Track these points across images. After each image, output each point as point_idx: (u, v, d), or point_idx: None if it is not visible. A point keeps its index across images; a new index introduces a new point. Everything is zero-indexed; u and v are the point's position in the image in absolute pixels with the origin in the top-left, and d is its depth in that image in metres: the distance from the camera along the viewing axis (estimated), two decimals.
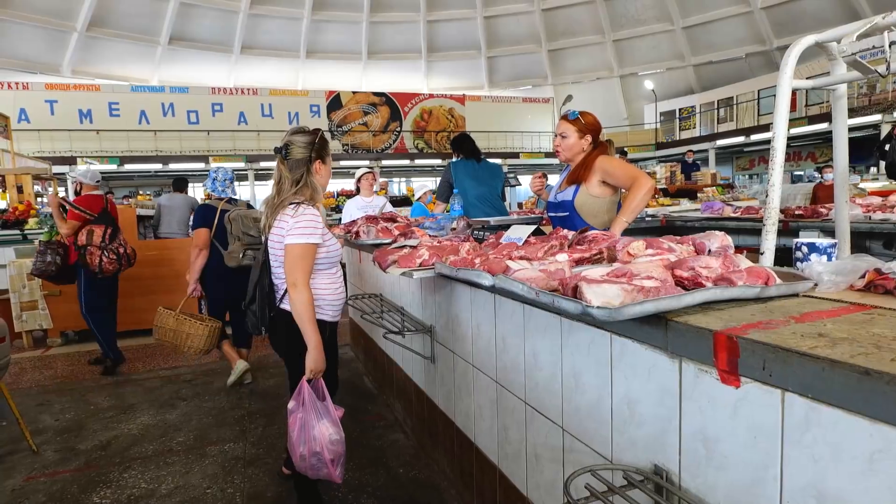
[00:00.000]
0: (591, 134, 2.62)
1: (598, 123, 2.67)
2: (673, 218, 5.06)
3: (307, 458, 2.09)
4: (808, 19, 19.44)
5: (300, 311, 2.10)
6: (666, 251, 1.52)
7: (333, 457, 2.09)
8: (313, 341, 2.11)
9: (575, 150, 2.64)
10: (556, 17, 24.15)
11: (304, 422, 2.09)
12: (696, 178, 10.37)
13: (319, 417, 2.09)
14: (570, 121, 2.63)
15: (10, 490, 2.73)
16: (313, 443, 2.07)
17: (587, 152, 2.63)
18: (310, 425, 2.08)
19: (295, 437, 2.10)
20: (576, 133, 2.61)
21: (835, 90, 2.21)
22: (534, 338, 1.68)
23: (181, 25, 21.49)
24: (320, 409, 2.11)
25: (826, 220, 3.59)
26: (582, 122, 2.61)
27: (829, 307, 1.14)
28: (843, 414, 0.79)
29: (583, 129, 2.61)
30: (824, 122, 15.84)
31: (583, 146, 2.63)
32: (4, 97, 17.66)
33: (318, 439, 2.06)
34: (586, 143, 2.62)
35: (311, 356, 2.11)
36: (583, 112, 2.65)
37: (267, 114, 21.80)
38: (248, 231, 3.65)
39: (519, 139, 24.11)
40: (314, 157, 2.21)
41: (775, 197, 2.04)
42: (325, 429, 2.07)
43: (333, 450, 2.09)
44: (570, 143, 2.63)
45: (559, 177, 2.84)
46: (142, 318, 5.96)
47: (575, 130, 2.61)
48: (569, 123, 2.63)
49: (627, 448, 1.28)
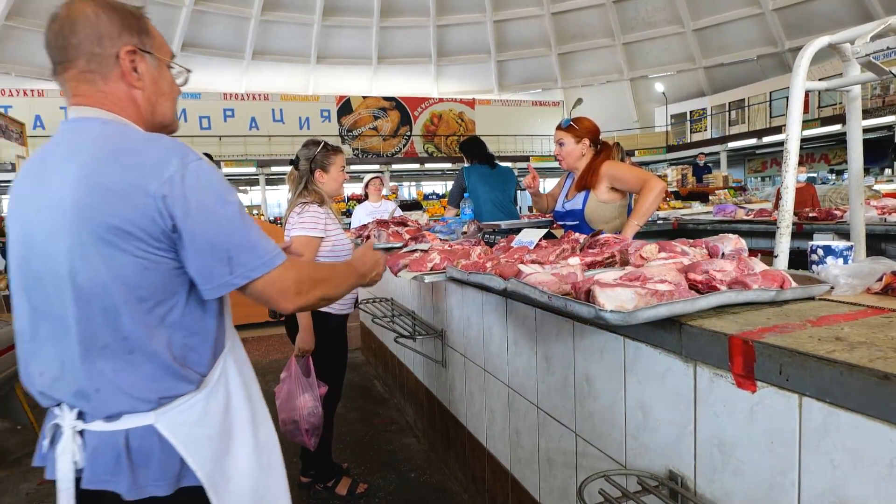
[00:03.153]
0: (588, 137, 2.60)
1: (594, 126, 2.65)
2: (685, 221, 5.03)
3: (287, 423, 2.34)
4: (821, 20, 19.27)
5: None
6: (679, 254, 1.51)
7: (308, 427, 2.33)
8: (303, 323, 2.39)
9: (575, 156, 2.61)
10: (565, 21, 24.13)
11: (288, 392, 2.35)
12: (707, 181, 10.31)
13: (302, 391, 2.34)
14: (564, 129, 2.63)
15: (25, 493, 2.76)
16: (293, 412, 2.32)
17: (591, 157, 2.60)
18: (293, 396, 2.33)
19: (279, 404, 2.35)
20: (572, 139, 2.60)
21: (849, 92, 2.19)
22: (546, 342, 1.68)
23: (193, 32, 21.73)
24: (304, 383, 2.36)
25: (840, 223, 3.55)
26: (576, 128, 2.60)
27: (846, 310, 1.12)
28: (862, 419, 0.78)
29: (578, 133, 2.59)
30: (838, 124, 15.67)
31: (582, 151, 2.60)
32: (20, 104, 17.95)
33: (297, 409, 2.32)
34: (584, 146, 2.60)
35: (301, 336, 2.39)
36: (576, 118, 2.65)
37: (278, 119, 21.97)
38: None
39: (529, 143, 24.09)
40: (314, 168, 2.51)
41: (789, 199, 2.02)
42: (305, 401, 2.32)
43: (310, 421, 2.32)
44: (568, 150, 2.61)
45: (564, 184, 2.80)
46: None
47: (570, 136, 2.60)
48: (563, 132, 2.63)
49: (642, 453, 1.27)
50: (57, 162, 0.95)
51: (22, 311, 1.01)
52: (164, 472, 0.97)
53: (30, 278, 0.98)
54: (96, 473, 0.96)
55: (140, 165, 0.91)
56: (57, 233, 0.92)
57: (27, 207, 0.97)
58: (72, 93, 1.00)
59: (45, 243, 0.94)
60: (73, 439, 0.96)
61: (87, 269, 0.91)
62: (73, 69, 0.99)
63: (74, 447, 0.96)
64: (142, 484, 0.96)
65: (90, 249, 0.90)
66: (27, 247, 0.97)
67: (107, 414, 0.95)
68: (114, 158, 0.92)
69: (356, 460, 2.96)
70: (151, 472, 0.96)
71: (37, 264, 0.96)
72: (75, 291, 0.92)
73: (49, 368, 0.98)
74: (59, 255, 0.92)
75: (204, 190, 0.94)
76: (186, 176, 0.92)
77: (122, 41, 0.99)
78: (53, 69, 1.01)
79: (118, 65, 1.00)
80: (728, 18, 22.16)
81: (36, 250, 0.95)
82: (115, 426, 0.96)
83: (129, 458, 0.95)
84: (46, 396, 1.00)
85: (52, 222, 0.92)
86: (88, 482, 0.97)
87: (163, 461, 0.97)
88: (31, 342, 1.01)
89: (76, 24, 0.97)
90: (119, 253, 0.90)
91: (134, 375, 0.95)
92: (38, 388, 1.01)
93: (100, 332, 0.94)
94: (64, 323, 0.95)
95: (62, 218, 0.91)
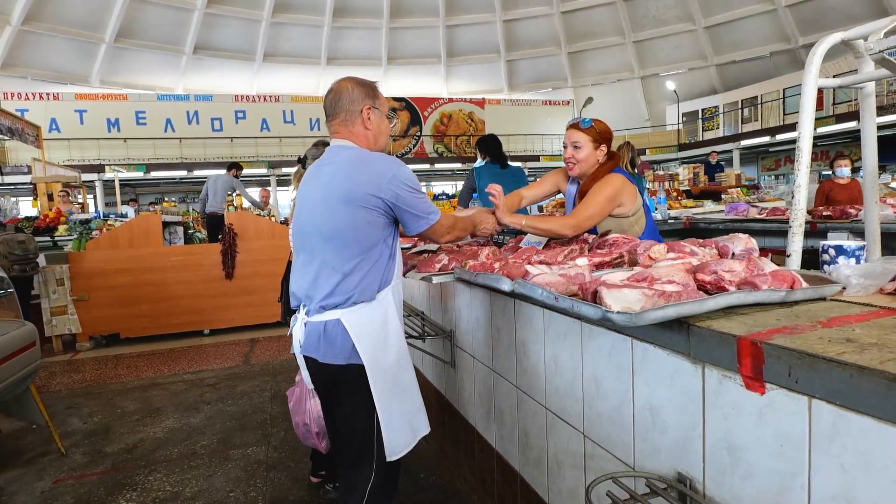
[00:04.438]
0: (606, 144, 2.29)
1: (610, 132, 2.32)
2: (696, 220, 4.99)
3: (299, 426, 2.37)
4: (834, 16, 19.01)
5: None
6: (688, 255, 1.50)
7: (319, 430, 2.32)
8: None
9: (590, 163, 2.28)
10: (575, 19, 24.02)
11: (300, 396, 2.36)
12: (719, 180, 10.20)
13: (312, 395, 2.31)
14: (584, 129, 2.25)
15: (40, 492, 2.80)
16: (305, 415, 2.34)
17: (600, 166, 2.28)
18: (304, 399, 2.34)
19: (291, 407, 2.39)
20: (591, 143, 2.25)
21: (863, 88, 2.16)
22: (554, 343, 1.67)
23: (205, 35, 21.92)
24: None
25: (855, 221, 3.50)
26: (596, 131, 2.25)
27: (857, 311, 1.10)
28: (872, 422, 0.77)
29: (597, 138, 2.26)
30: (852, 121, 15.46)
31: (598, 158, 2.27)
32: (36, 108, 18.19)
33: (309, 412, 2.33)
34: (601, 154, 2.27)
35: None
36: (595, 120, 2.30)
37: (289, 120, 22.08)
38: (13, 251, 4.95)
39: (539, 142, 24.01)
40: None
41: (801, 198, 2.00)
42: (315, 405, 2.31)
43: (321, 424, 2.31)
44: (584, 155, 2.25)
45: (567, 190, 2.49)
46: (168, 322, 6.08)
47: (590, 140, 2.25)
48: (582, 133, 2.25)
49: (650, 455, 1.26)
50: (327, 168, 1.68)
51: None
52: (343, 350, 1.62)
53: (301, 234, 1.71)
54: (307, 346, 1.69)
55: (371, 171, 1.61)
56: (327, 205, 1.62)
57: (309, 194, 1.71)
58: (333, 132, 1.74)
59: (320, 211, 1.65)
60: (300, 327, 1.70)
61: (336, 222, 1.60)
62: (337, 119, 1.72)
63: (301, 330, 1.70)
64: (328, 355, 1.64)
65: (344, 211, 1.60)
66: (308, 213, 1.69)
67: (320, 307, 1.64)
68: (358, 165, 1.63)
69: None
70: (335, 348, 1.62)
71: (306, 223, 1.69)
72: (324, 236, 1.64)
73: (303, 282, 1.69)
74: (324, 216, 1.63)
75: (403, 183, 1.62)
76: (397, 174, 1.61)
77: (364, 103, 1.71)
78: (327, 119, 1.75)
79: (360, 116, 1.71)
80: (740, 15, 21.92)
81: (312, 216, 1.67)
82: (320, 318, 1.64)
83: (325, 338, 1.63)
84: (295, 297, 1.74)
85: (322, 199, 1.64)
86: (304, 351, 1.70)
87: (343, 342, 1.62)
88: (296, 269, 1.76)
89: (341, 93, 1.71)
90: (359, 213, 1.60)
91: (341, 288, 1.61)
92: (295, 293, 1.74)
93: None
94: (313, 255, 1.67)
95: (332, 196, 1.61)
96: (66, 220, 7.06)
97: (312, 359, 1.68)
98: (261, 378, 4.51)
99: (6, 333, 2.92)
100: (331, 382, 1.69)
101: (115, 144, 19.48)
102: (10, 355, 2.87)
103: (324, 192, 1.63)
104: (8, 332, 2.94)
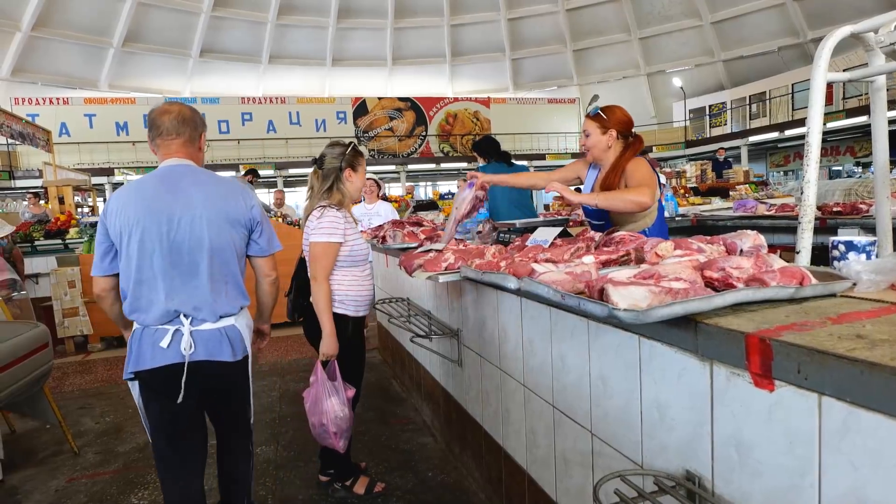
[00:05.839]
0: (616, 129, 2.47)
1: (625, 118, 2.50)
2: (704, 217, 4.96)
3: (316, 427, 2.39)
4: (843, 9, 18.78)
5: (317, 302, 2.40)
6: (695, 252, 1.49)
7: (337, 430, 2.35)
8: (327, 329, 2.39)
9: (601, 148, 2.49)
10: (580, 17, 23.91)
11: (316, 397, 2.37)
12: (727, 176, 10.13)
13: (329, 395, 2.35)
14: (591, 117, 2.50)
15: (54, 490, 2.83)
16: (322, 415, 2.35)
17: (619, 152, 2.48)
18: (321, 400, 2.36)
19: (308, 408, 2.40)
20: (598, 129, 2.47)
21: (873, 82, 2.13)
22: (561, 341, 1.67)
23: (211, 38, 22.02)
24: (330, 388, 2.37)
25: (866, 217, 3.46)
26: (603, 118, 2.47)
27: (867, 308, 1.09)
28: (883, 419, 0.76)
29: (605, 124, 2.46)
30: (863, 116, 15.29)
31: (608, 143, 2.48)
32: (46, 112, 18.39)
33: (326, 413, 2.34)
34: (611, 138, 2.47)
35: (325, 342, 2.39)
36: (606, 107, 2.50)
37: (295, 122, 22.16)
38: None
39: (545, 140, 23.95)
40: (344, 166, 2.48)
41: (811, 194, 1.98)
42: (332, 405, 2.34)
43: (338, 424, 2.35)
44: (593, 141, 2.49)
45: (587, 177, 2.67)
46: None
47: (597, 127, 2.48)
48: (590, 120, 2.51)
49: (658, 453, 1.25)
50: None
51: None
52: (240, 347, 1.90)
53: (171, 247, 1.83)
54: (208, 350, 1.84)
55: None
56: (202, 221, 1.84)
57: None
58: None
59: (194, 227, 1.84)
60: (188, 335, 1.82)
61: (216, 239, 1.85)
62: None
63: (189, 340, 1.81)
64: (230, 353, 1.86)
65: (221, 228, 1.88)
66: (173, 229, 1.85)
67: (218, 316, 1.86)
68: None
69: (374, 460, 2.98)
70: (236, 347, 1.88)
71: (180, 238, 1.82)
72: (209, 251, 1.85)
73: (178, 295, 1.82)
74: (202, 232, 1.84)
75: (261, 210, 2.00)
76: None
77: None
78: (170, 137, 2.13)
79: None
80: (747, 10, 21.73)
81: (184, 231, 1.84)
82: (220, 324, 1.86)
83: (229, 341, 1.87)
84: (170, 312, 1.82)
85: (199, 215, 1.85)
86: (205, 356, 1.83)
87: (240, 341, 1.90)
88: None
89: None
90: (234, 232, 1.91)
91: (230, 296, 1.89)
92: (165, 308, 1.81)
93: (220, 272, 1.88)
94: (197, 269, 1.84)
95: (208, 213, 1.85)
96: (76, 223, 7.12)
97: (206, 362, 1.83)
98: (269, 378, 4.53)
99: (20, 335, 2.96)
100: (220, 378, 1.89)
101: (124, 148, 19.64)
102: (24, 356, 2.91)
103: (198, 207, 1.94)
104: (21, 334, 2.98)
